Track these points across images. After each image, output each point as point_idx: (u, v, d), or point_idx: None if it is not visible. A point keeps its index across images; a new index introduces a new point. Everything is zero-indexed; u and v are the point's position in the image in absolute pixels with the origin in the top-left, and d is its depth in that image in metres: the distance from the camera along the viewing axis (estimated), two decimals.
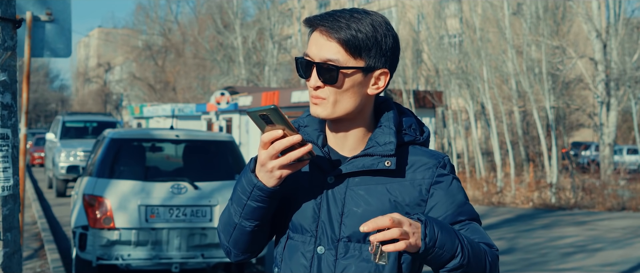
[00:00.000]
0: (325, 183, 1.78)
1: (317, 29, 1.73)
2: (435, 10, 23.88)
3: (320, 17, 1.73)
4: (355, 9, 1.73)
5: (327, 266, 1.76)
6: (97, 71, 78.63)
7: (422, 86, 28.09)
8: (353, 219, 1.75)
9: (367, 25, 1.70)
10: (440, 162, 1.80)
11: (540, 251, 10.04)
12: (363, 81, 1.73)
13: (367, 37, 1.70)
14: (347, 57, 1.70)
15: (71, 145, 16.51)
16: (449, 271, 1.67)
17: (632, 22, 23.42)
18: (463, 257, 1.65)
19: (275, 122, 1.64)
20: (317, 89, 1.73)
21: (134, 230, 6.63)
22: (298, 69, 1.78)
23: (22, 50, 5.87)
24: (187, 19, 56.92)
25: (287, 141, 1.64)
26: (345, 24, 1.69)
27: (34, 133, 35.14)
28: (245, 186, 1.74)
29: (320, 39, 1.72)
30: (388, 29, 1.73)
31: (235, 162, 7.30)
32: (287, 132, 1.65)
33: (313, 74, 1.73)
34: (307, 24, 1.74)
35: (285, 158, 1.66)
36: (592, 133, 35.06)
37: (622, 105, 20.94)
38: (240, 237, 1.82)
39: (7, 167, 3.11)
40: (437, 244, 1.62)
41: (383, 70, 1.75)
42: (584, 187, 17.39)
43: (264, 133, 1.66)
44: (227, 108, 28.37)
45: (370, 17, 1.72)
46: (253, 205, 1.74)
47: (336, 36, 1.69)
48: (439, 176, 1.78)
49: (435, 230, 1.62)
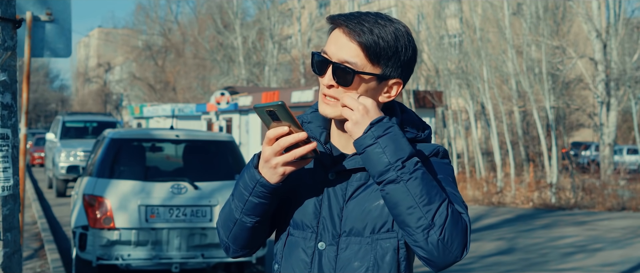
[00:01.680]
0: (327, 179, 1.79)
1: (339, 27, 1.71)
2: (435, 10, 23.88)
3: (345, 16, 1.71)
4: (380, 15, 1.72)
5: (327, 262, 1.76)
6: (97, 71, 78.64)
7: (422, 86, 28.08)
8: (353, 215, 1.76)
9: (390, 33, 1.69)
10: (434, 150, 1.81)
11: (540, 251, 10.04)
12: (376, 88, 1.73)
13: (388, 46, 1.69)
14: (365, 61, 1.69)
15: (71, 145, 16.51)
16: (384, 184, 1.64)
17: (632, 22, 23.43)
18: (405, 172, 1.61)
19: (281, 119, 1.64)
20: (329, 88, 1.73)
21: (134, 230, 6.63)
22: (312, 65, 1.77)
23: (22, 50, 5.87)
24: (187, 19, 56.99)
25: (292, 138, 1.65)
26: (368, 28, 1.68)
27: (34, 133, 35.15)
28: (247, 182, 1.74)
29: (341, 38, 1.70)
30: (409, 40, 1.72)
31: (235, 162, 7.30)
32: (293, 129, 1.66)
33: (328, 72, 1.72)
34: (330, 20, 1.73)
35: (289, 155, 1.66)
36: (592, 133, 35.06)
37: (622, 105, 20.94)
38: (240, 232, 1.82)
39: (7, 167, 3.11)
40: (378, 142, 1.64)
41: (397, 80, 1.74)
42: (584, 187, 17.39)
43: (270, 129, 1.67)
44: (227, 108, 28.37)
45: (394, 25, 1.71)
46: (255, 201, 1.74)
47: (358, 39, 1.68)
48: (430, 162, 1.78)
49: (381, 133, 1.64)
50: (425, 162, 1.76)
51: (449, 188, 1.73)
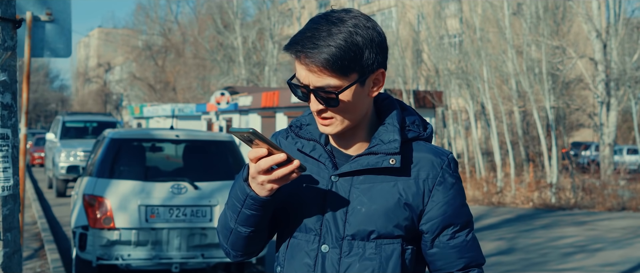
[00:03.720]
0: (330, 182, 1.78)
1: (299, 57, 1.67)
2: (435, 10, 23.88)
3: (300, 43, 1.67)
4: (330, 19, 1.68)
5: (331, 265, 1.75)
6: (97, 71, 78.62)
7: (422, 86, 28.09)
8: (357, 218, 1.75)
9: (347, 36, 1.65)
10: (445, 161, 1.80)
11: (540, 251, 10.03)
12: (362, 90, 1.72)
13: (351, 49, 1.65)
14: (339, 79, 1.67)
15: (71, 145, 16.50)
16: None
17: (632, 22, 23.43)
18: None
19: (259, 142, 1.62)
20: (321, 112, 1.72)
21: (134, 230, 6.63)
22: (293, 92, 1.75)
23: (22, 50, 5.86)
24: (187, 19, 56.98)
25: (271, 160, 1.62)
26: (325, 45, 1.64)
27: (34, 133, 35.14)
28: (238, 194, 1.74)
29: (306, 67, 1.67)
30: (367, 27, 1.68)
31: (235, 162, 7.29)
32: (272, 150, 1.63)
33: (312, 98, 1.71)
34: (287, 52, 1.69)
35: (273, 175, 1.64)
36: (592, 133, 35.05)
37: (622, 105, 20.94)
38: (237, 240, 1.82)
39: (7, 167, 3.11)
40: None
41: (377, 72, 1.73)
42: (584, 187, 17.39)
43: (251, 149, 1.66)
44: (227, 108, 28.36)
45: (346, 26, 1.66)
46: (247, 212, 1.73)
47: (321, 63, 1.64)
48: (442, 177, 1.78)
49: None
50: (440, 183, 1.78)
51: (465, 218, 1.82)
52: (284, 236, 1.84)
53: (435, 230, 1.77)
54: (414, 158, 1.79)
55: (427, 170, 1.78)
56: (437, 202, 1.77)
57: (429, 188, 1.77)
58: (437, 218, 1.77)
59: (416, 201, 1.76)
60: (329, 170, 1.78)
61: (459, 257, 1.79)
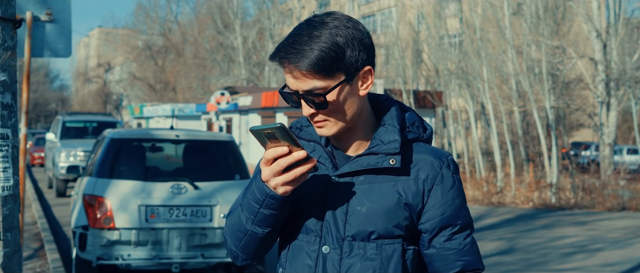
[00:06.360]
0: (330, 182, 1.78)
1: (283, 64, 1.69)
2: (435, 10, 23.89)
3: (283, 50, 1.69)
4: (312, 23, 1.70)
5: (332, 265, 1.75)
6: (97, 71, 78.63)
7: (422, 86, 28.10)
8: (358, 218, 1.75)
9: (328, 39, 1.67)
10: (444, 162, 1.80)
11: (540, 251, 10.03)
12: (352, 89, 1.72)
13: (333, 51, 1.67)
14: (325, 81, 1.68)
15: (71, 145, 16.50)
16: None
17: (632, 22, 23.42)
18: None
19: (280, 139, 1.62)
20: (314, 115, 1.74)
21: (134, 230, 6.62)
22: (286, 101, 1.77)
23: (22, 50, 5.86)
24: (187, 19, 57.00)
25: (292, 158, 1.63)
26: (308, 49, 1.66)
27: (34, 133, 35.14)
28: (257, 194, 1.72)
29: (291, 73, 1.69)
30: (347, 26, 1.70)
31: (235, 162, 7.29)
32: (292, 148, 1.63)
33: (303, 104, 1.73)
34: (272, 61, 1.71)
35: (290, 175, 1.65)
36: (592, 133, 35.05)
37: (622, 105, 20.94)
38: (251, 242, 1.81)
39: (7, 167, 3.11)
40: None
41: (364, 70, 1.73)
42: (584, 187, 17.38)
43: (267, 149, 1.65)
44: (227, 108, 28.37)
45: (327, 28, 1.68)
46: (266, 212, 1.73)
47: (305, 67, 1.66)
48: (442, 177, 1.78)
49: None
50: (439, 183, 1.78)
51: (464, 221, 1.81)
52: (285, 237, 1.84)
53: (433, 230, 1.77)
54: (413, 159, 1.79)
55: (426, 171, 1.78)
56: (436, 201, 1.77)
57: (428, 188, 1.77)
58: (435, 218, 1.77)
59: (416, 201, 1.76)
60: (329, 170, 1.79)
61: (456, 260, 1.78)
